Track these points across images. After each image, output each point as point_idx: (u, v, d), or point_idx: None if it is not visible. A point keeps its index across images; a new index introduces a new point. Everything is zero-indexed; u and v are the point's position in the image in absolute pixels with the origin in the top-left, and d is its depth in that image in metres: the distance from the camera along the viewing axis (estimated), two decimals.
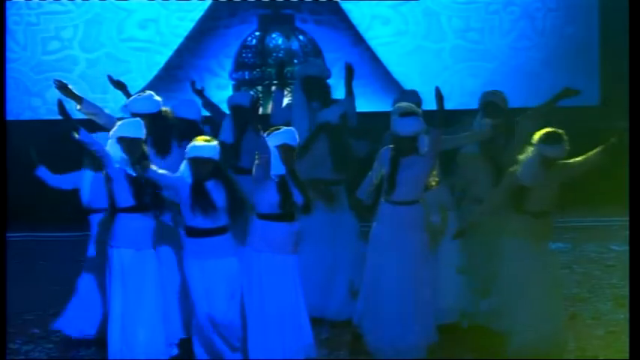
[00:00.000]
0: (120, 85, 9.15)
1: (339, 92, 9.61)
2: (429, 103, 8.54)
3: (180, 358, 7.80)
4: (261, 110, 10.43)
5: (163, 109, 8.22)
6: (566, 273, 9.87)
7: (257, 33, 12.72)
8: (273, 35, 12.76)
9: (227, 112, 9.43)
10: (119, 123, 7.68)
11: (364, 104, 9.77)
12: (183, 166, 7.39)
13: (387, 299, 7.80)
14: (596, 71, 12.69)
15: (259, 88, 12.59)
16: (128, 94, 8.88)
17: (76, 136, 7.32)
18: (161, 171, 7.35)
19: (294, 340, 7.45)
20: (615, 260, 10.71)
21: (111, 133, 7.61)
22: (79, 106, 8.20)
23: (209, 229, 7.37)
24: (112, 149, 7.48)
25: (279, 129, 7.45)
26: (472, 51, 12.81)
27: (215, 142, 7.40)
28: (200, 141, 7.37)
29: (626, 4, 9.09)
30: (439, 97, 7.76)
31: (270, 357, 7.39)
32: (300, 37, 12.78)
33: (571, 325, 8.36)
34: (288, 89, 10.07)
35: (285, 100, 9.62)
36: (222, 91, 11.90)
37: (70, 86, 8.25)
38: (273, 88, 11.97)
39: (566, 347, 7.86)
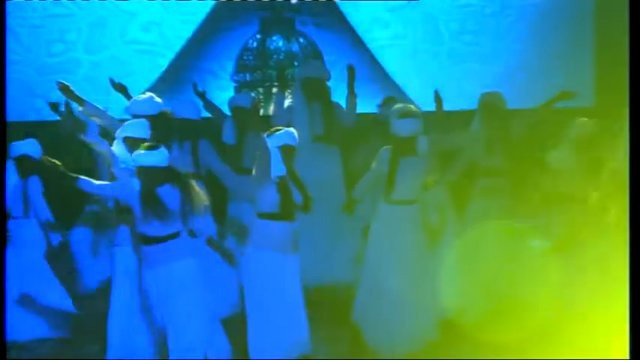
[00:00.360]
0: (121, 88, 9.24)
1: (339, 94, 9.71)
2: (429, 104, 8.67)
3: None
4: (262, 112, 10.51)
5: (164, 110, 8.31)
6: None
7: (258, 36, 12.78)
8: (274, 38, 12.82)
9: (228, 113, 9.54)
10: (125, 123, 7.74)
11: (363, 105, 9.86)
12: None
13: (387, 298, 7.85)
14: (592, 73, 12.75)
15: (260, 89, 12.64)
16: (129, 97, 8.96)
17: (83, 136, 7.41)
18: (99, 182, 7.19)
19: (292, 338, 7.48)
20: None
21: (117, 133, 7.68)
22: (80, 108, 8.22)
23: (161, 236, 7.10)
24: (118, 149, 7.51)
25: (279, 130, 7.47)
26: (469, 53, 12.88)
27: (161, 148, 7.10)
28: (145, 148, 7.09)
29: (621, 7, 9.18)
30: (438, 99, 7.88)
31: (270, 355, 7.42)
32: (301, 40, 12.83)
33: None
34: (289, 91, 10.17)
35: (286, 102, 9.72)
36: (223, 93, 11.96)
37: (71, 88, 8.32)
38: (274, 90, 12.04)
39: None
